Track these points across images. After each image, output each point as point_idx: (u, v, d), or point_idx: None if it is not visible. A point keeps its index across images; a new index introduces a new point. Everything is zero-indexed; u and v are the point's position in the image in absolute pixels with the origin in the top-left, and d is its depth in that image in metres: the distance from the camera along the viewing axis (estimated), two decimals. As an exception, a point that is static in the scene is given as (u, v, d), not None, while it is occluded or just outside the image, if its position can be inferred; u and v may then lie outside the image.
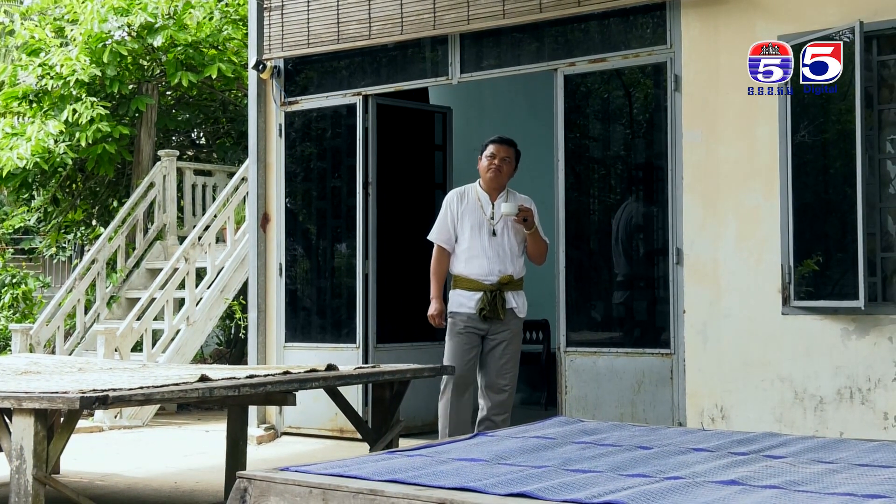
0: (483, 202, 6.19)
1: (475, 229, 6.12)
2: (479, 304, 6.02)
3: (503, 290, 6.07)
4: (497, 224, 6.12)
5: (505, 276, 6.08)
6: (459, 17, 7.36)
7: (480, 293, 6.04)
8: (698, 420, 6.36)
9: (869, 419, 5.85)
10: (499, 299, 6.04)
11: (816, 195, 6.25)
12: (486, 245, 6.09)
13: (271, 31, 8.34)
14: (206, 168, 12.62)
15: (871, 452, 3.06)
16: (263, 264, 8.47)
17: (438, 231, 6.26)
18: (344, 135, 8.19)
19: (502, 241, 6.11)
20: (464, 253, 6.13)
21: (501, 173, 6.15)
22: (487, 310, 6.01)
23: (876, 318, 5.86)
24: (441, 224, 6.25)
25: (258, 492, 2.71)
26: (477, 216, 6.15)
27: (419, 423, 7.91)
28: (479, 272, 6.07)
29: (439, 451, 3.11)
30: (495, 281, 6.06)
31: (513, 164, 6.22)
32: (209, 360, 11.90)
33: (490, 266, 6.07)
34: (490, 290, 6.04)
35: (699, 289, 6.45)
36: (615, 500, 2.31)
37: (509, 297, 6.10)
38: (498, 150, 6.17)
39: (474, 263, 6.08)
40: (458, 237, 6.17)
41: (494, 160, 6.15)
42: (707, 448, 3.13)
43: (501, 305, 6.04)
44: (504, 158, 6.16)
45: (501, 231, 6.12)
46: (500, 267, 6.08)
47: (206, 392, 4.66)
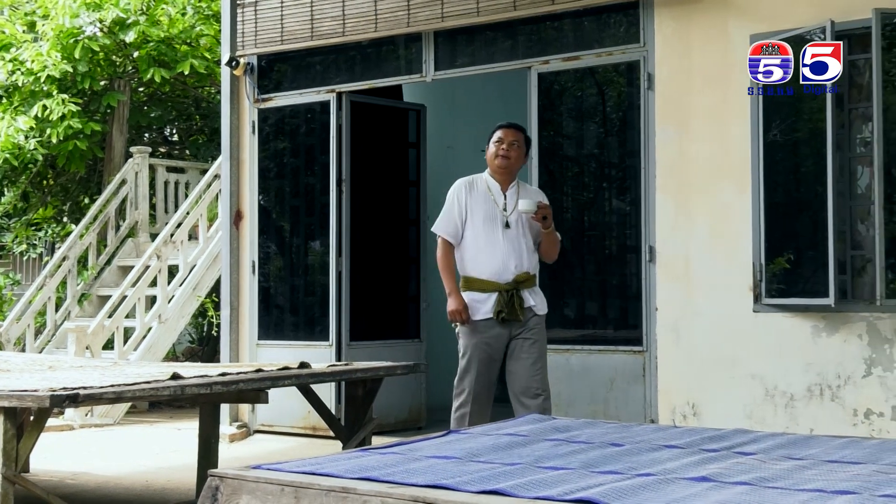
0: (494, 192, 5.70)
1: (487, 222, 5.62)
2: (496, 306, 5.52)
3: (520, 288, 5.58)
4: (511, 215, 5.63)
5: (522, 272, 5.58)
6: (433, 15, 7.35)
7: (496, 294, 5.54)
8: (670, 417, 6.39)
9: (839, 416, 5.90)
10: (516, 298, 5.53)
11: (787, 194, 6.29)
12: (500, 239, 5.58)
13: (244, 28, 8.31)
14: (178, 165, 12.56)
15: (841, 449, 3.09)
16: (236, 262, 8.43)
17: (444, 223, 5.73)
18: (317, 132, 8.17)
19: (517, 234, 5.61)
20: (475, 248, 5.62)
21: (510, 159, 5.67)
22: (506, 311, 5.51)
23: (846, 316, 5.91)
24: (447, 216, 5.73)
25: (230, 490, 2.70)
26: (488, 207, 5.65)
27: (392, 421, 7.91)
28: (494, 270, 5.56)
29: (412, 448, 3.11)
30: (511, 279, 5.55)
31: (522, 150, 5.75)
32: (181, 357, 11.84)
33: (505, 262, 5.56)
34: (506, 289, 5.53)
35: (671, 286, 6.48)
36: (587, 497, 2.31)
37: (526, 295, 5.60)
38: (505, 135, 5.71)
39: (487, 260, 5.57)
40: (465, 231, 5.67)
41: (502, 145, 5.68)
42: (678, 445, 3.14)
43: (520, 305, 5.53)
44: (512, 143, 5.69)
45: (515, 223, 5.62)
46: (517, 262, 5.58)
47: (178, 390, 4.64)
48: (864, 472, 2.65)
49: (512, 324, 5.56)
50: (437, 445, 3.17)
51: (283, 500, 2.60)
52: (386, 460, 2.86)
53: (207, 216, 10.80)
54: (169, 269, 10.54)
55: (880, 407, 5.80)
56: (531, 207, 5.49)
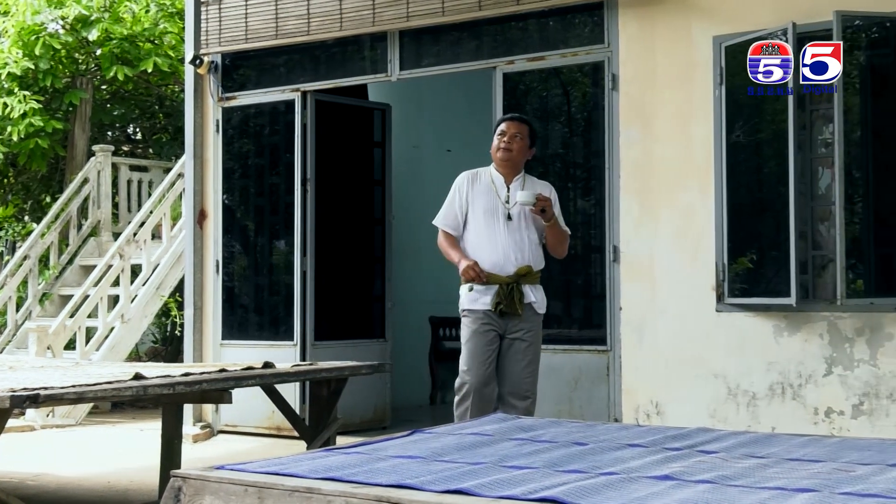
0: (497, 185, 5.61)
1: (489, 214, 5.53)
2: (495, 298, 5.42)
3: (521, 282, 5.47)
4: (513, 208, 5.53)
5: (523, 266, 5.48)
6: (399, 14, 7.35)
7: (496, 286, 5.44)
8: (634, 416, 6.43)
9: (800, 414, 5.96)
10: (516, 292, 5.42)
11: (750, 194, 6.34)
12: (501, 232, 5.50)
13: (208, 26, 8.26)
14: (141, 163, 12.47)
15: (802, 447, 3.12)
16: (200, 261, 8.38)
17: (445, 216, 5.66)
18: (282, 131, 8.14)
19: (519, 228, 5.52)
20: (476, 241, 5.53)
21: (511, 151, 5.58)
22: (504, 304, 5.41)
23: (807, 315, 5.97)
24: (448, 208, 5.65)
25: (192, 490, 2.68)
26: (490, 200, 5.56)
27: (357, 421, 7.89)
28: (494, 262, 5.46)
29: (376, 448, 3.11)
30: (512, 272, 5.46)
31: (525, 142, 5.65)
32: (144, 358, 11.75)
33: (506, 255, 5.46)
34: (507, 282, 5.44)
35: (635, 286, 6.51)
36: (551, 496, 2.32)
37: (528, 290, 5.50)
38: (508, 127, 5.64)
39: (488, 252, 5.48)
40: (467, 223, 5.59)
41: (504, 137, 5.60)
42: (642, 444, 3.16)
43: (519, 300, 5.43)
44: (515, 135, 5.60)
45: (518, 216, 5.52)
46: (518, 255, 5.48)
47: (140, 390, 4.61)
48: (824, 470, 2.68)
49: (510, 318, 5.46)
50: (402, 445, 3.17)
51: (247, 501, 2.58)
52: (350, 460, 2.85)
53: (171, 215, 10.73)
54: (132, 268, 10.47)
55: (841, 405, 5.86)
56: (529, 199, 5.39)
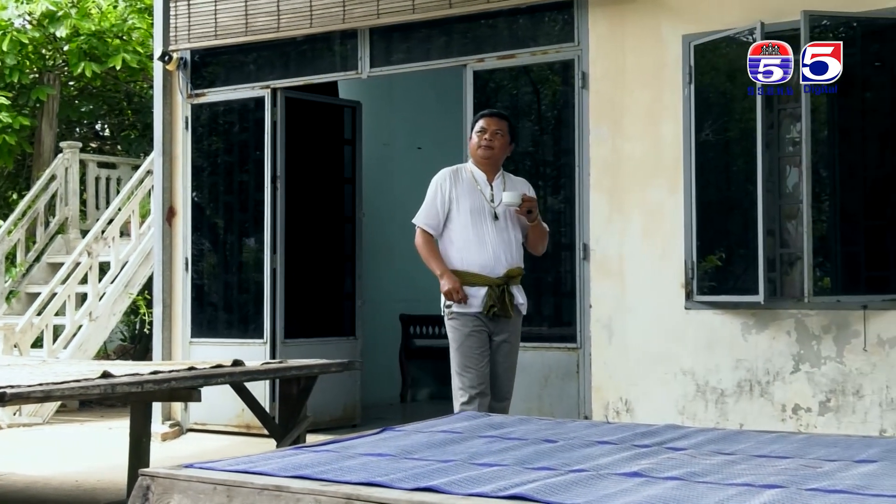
0: (480, 182, 5.48)
1: (476, 214, 5.38)
2: (487, 300, 5.29)
3: (510, 283, 5.38)
4: (498, 207, 5.40)
5: (514, 267, 5.40)
6: (369, 12, 7.33)
7: (485, 289, 5.31)
8: (603, 413, 6.45)
9: (768, 411, 6.00)
10: (507, 294, 5.33)
11: (719, 192, 6.38)
12: (490, 232, 5.36)
13: (177, 22, 8.21)
14: (109, 160, 12.39)
15: (769, 444, 3.14)
16: (169, 259, 8.34)
17: (426, 215, 5.46)
18: (252, 128, 8.10)
19: (506, 227, 5.40)
20: (464, 241, 5.38)
21: (493, 149, 5.47)
22: (498, 307, 5.29)
23: (775, 313, 6.01)
24: (430, 207, 5.46)
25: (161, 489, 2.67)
26: (476, 198, 5.41)
27: (327, 419, 7.87)
28: (484, 263, 5.32)
29: (346, 446, 3.10)
30: (502, 273, 5.35)
31: (506, 139, 5.54)
32: (113, 356, 11.68)
33: (496, 256, 5.34)
34: (497, 284, 5.32)
35: (605, 284, 6.53)
36: (520, 493, 2.32)
37: (515, 291, 5.42)
38: (488, 124, 5.51)
39: (478, 253, 5.34)
40: (449, 223, 5.43)
41: (485, 134, 5.47)
42: (611, 441, 3.17)
43: (510, 301, 5.34)
44: (496, 132, 5.48)
45: (503, 215, 5.40)
46: (507, 256, 5.37)
47: (108, 388, 4.58)
48: (791, 467, 2.70)
49: (499, 320, 5.36)
50: (372, 443, 3.17)
51: (216, 499, 2.57)
52: (320, 458, 2.85)
53: (139, 212, 10.67)
54: (100, 265, 10.40)
55: (808, 402, 5.91)
56: (515, 200, 5.30)
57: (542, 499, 2.28)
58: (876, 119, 6.00)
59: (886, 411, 5.71)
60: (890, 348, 5.72)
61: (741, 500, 2.24)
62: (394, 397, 9.91)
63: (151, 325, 8.67)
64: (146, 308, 10.31)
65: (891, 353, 5.72)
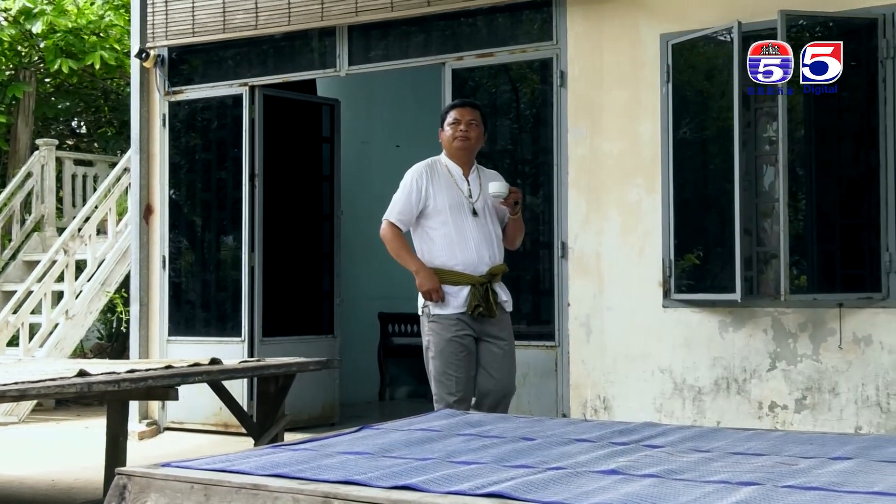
0: (456, 177, 5.27)
1: (455, 210, 5.15)
2: (472, 300, 5.07)
3: (492, 281, 5.17)
4: (476, 202, 5.20)
5: (496, 264, 5.21)
6: (347, 9, 7.32)
7: (468, 287, 5.10)
8: (581, 411, 6.47)
9: (744, 409, 6.03)
10: (491, 293, 5.12)
11: (696, 191, 6.41)
12: (471, 229, 5.14)
13: (155, 19, 8.17)
14: (86, 158, 12.32)
15: (746, 441, 3.15)
16: (146, 257, 8.30)
17: (400, 210, 5.21)
18: (230, 126, 8.07)
19: (486, 222, 5.20)
20: (445, 238, 5.15)
21: (470, 140, 5.26)
22: (483, 306, 5.07)
23: (752, 311, 6.04)
24: (404, 202, 5.21)
25: (138, 488, 2.65)
26: (454, 194, 5.18)
27: (305, 417, 7.86)
28: (467, 261, 5.11)
29: (324, 444, 3.10)
30: (485, 271, 5.14)
31: (481, 129, 5.34)
32: (89, 354, 11.62)
33: (479, 254, 5.13)
34: (480, 282, 5.11)
35: (583, 282, 6.55)
36: (498, 490, 2.33)
37: (498, 289, 5.21)
38: (462, 114, 5.27)
39: (460, 252, 5.12)
40: (425, 219, 5.21)
41: (459, 126, 5.24)
42: (589, 439, 3.18)
43: (494, 300, 5.12)
44: (470, 122, 5.26)
45: (482, 210, 5.20)
46: (490, 254, 5.17)
47: (85, 387, 4.55)
48: (767, 464, 2.71)
49: (484, 320, 5.15)
50: (350, 441, 3.16)
51: (193, 498, 2.56)
52: (297, 457, 2.84)
53: (116, 210, 10.62)
54: (77, 263, 10.34)
55: (784, 400, 5.95)
56: (503, 191, 5.09)
57: (520, 496, 2.29)
58: (852, 118, 6.04)
59: (861, 409, 5.75)
60: (865, 346, 5.76)
61: (718, 498, 2.25)
62: (372, 395, 9.90)
63: (128, 324, 8.63)
64: (123, 306, 10.26)
65: (866, 351, 5.76)
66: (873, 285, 5.76)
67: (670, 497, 2.26)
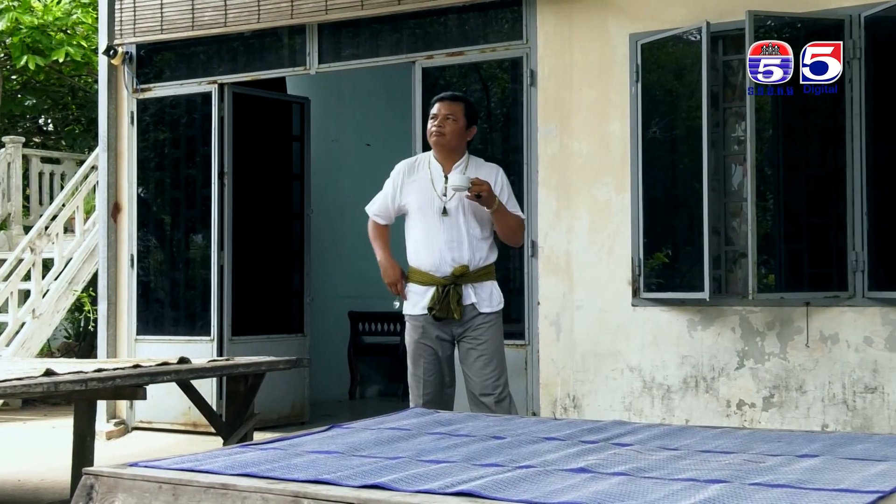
0: (434, 175, 5.11)
1: (423, 210, 5.05)
2: (430, 301, 5.00)
3: (459, 283, 5.01)
4: (449, 201, 5.02)
5: (459, 266, 5.00)
6: (317, 7, 7.30)
7: (434, 288, 5.01)
8: (551, 410, 6.48)
9: (713, 407, 6.07)
10: (452, 295, 4.96)
11: (666, 190, 6.44)
12: (436, 229, 5.01)
13: (123, 16, 8.12)
14: (53, 155, 12.23)
15: (714, 439, 3.17)
16: (114, 255, 8.24)
17: (377, 205, 5.21)
18: (199, 123, 8.03)
19: (457, 223, 5.00)
20: (414, 239, 5.09)
21: (445, 135, 5.06)
22: (437, 308, 4.97)
23: (720, 310, 6.08)
24: (381, 197, 5.20)
25: (105, 488, 2.63)
26: (424, 194, 5.06)
27: (275, 416, 7.84)
28: (431, 262, 5.01)
29: (293, 443, 3.09)
30: (448, 273, 4.99)
31: (461, 124, 5.09)
32: (56, 353, 11.53)
33: (441, 256, 4.99)
34: (442, 284, 4.99)
35: (553, 281, 6.57)
36: (467, 489, 2.33)
37: (467, 291, 5.02)
38: (440, 109, 5.10)
39: (425, 251, 5.03)
40: (406, 217, 5.16)
41: (436, 120, 5.08)
42: (558, 437, 3.19)
43: (456, 302, 4.97)
44: (447, 116, 5.07)
45: (456, 210, 5.01)
46: (454, 255, 4.99)
47: (51, 386, 4.51)
48: (735, 462, 2.73)
49: (453, 322, 5.03)
50: (319, 440, 3.15)
51: (161, 498, 2.55)
52: (267, 456, 2.83)
53: (84, 208, 10.54)
54: (44, 262, 10.25)
55: (752, 398, 5.99)
56: (462, 183, 4.84)
57: (490, 495, 2.29)
58: (818, 118, 6.09)
59: (828, 406, 5.80)
60: (832, 344, 5.81)
61: (686, 495, 2.26)
62: (342, 394, 9.89)
63: (96, 323, 8.58)
64: (91, 305, 10.19)
65: (833, 350, 5.81)
66: (840, 284, 5.81)
67: (639, 495, 2.27)
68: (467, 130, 5.16)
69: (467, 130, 5.16)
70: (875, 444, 3.00)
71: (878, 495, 2.22)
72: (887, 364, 5.67)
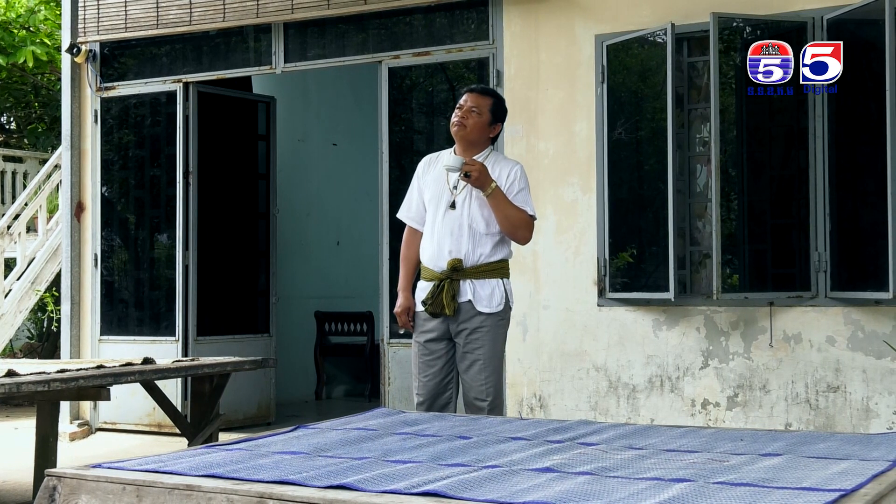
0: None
1: (435, 203, 4.83)
2: (426, 296, 4.78)
3: (455, 277, 4.74)
4: (459, 195, 4.78)
5: (453, 259, 4.73)
6: (283, 6, 7.27)
7: (433, 283, 4.78)
8: (517, 409, 6.50)
9: (678, 406, 6.11)
10: (447, 290, 4.70)
11: (631, 190, 6.47)
12: (440, 221, 4.78)
13: (87, 14, 8.05)
14: (16, 154, 12.10)
15: (679, 438, 3.19)
16: (78, 255, 8.17)
17: (406, 207, 4.97)
18: (163, 122, 7.98)
19: (461, 216, 4.75)
20: (425, 233, 4.88)
21: (466, 127, 4.78)
22: (429, 304, 4.74)
23: (685, 310, 6.12)
24: (408, 196, 4.98)
25: (68, 490, 2.61)
26: (438, 187, 4.84)
27: (241, 417, 7.80)
28: (431, 256, 4.79)
29: (259, 444, 3.07)
30: (445, 266, 4.73)
31: (485, 119, 4.80)
32: (19, 354, 11.41)
33: (440, 248, 4.76)
34: (439, 278, 4.75)
35: (519, 280, 6.56)
36: (433, 489, 2.33)
37: (465, 287, 4.73)
38: (466, 100, 4.84)
39: (427, 244, 4.83)
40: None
41: (460, 111, 4.83)
42: (524, 437, 3.19)
43: (450, 298, 4.71)
44: (472, 109, 4.80)
45: (462, 203, 4.77)
46: (451, 248, 4.73)
47: (14, 387, 4.46)
48: (700, 460, 2.74)
49: (449, 319, 4.78)
50: (285, 441, 3.14)
51: (125, 500, 2.53)
52: (232, 456, 2.82)
53: (47, 207, 10.45)
54: (6, 262, 10.15)
55: (716, 397, 6.03)
56: (455, 164, 4.61)
57: (456, 495, 2.29)
58: (782, 119, 6.14)
59: (791, 406, 5.85)
60: (795, 344, 5.86)
61: (650, 494, 2.27)
62: (309, 395, 9.86)
63: (59, 323, 8.50)
64: (54, 305, 10.09)
65: (796, 349, 5.86)
66: (803, 284, 5.86)
67: (604, 494, 2.28)
68: (491, 126, 4.88)
69: (491, 126, 4.88)
70: (837, 443, 3.03)
71: (840, 493, 2.25)
72: (849, 363, 5.73)
